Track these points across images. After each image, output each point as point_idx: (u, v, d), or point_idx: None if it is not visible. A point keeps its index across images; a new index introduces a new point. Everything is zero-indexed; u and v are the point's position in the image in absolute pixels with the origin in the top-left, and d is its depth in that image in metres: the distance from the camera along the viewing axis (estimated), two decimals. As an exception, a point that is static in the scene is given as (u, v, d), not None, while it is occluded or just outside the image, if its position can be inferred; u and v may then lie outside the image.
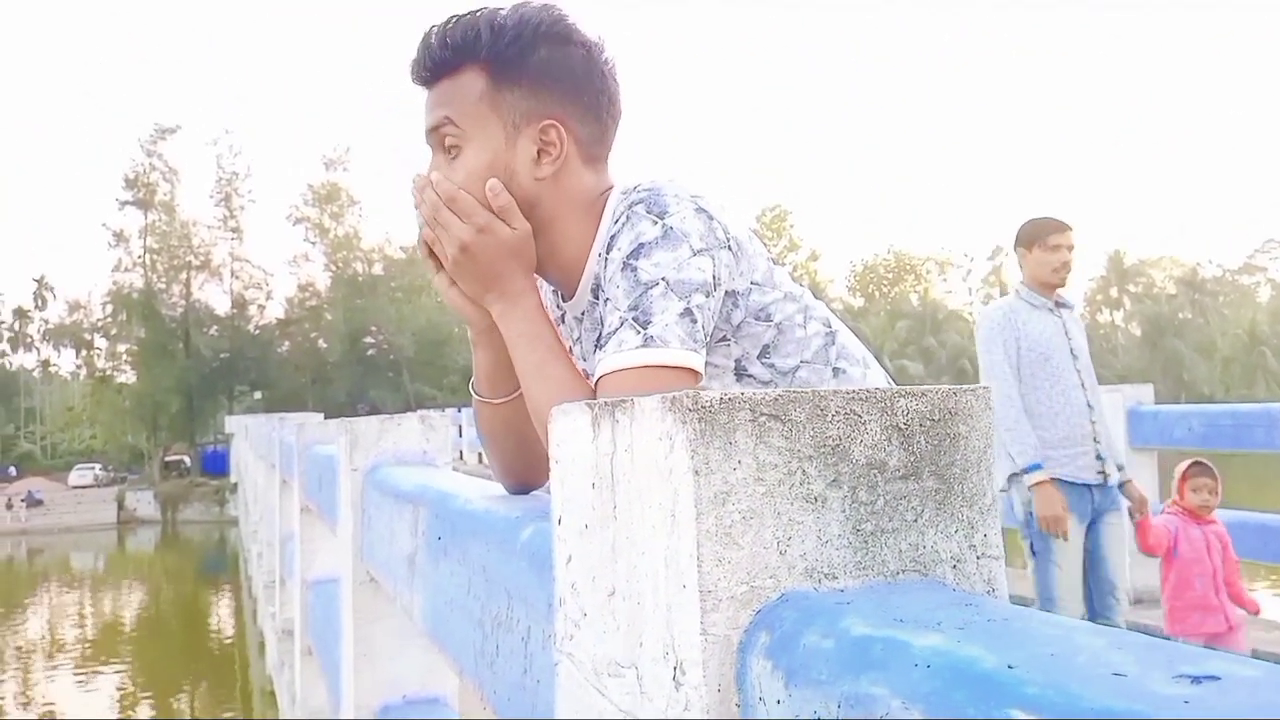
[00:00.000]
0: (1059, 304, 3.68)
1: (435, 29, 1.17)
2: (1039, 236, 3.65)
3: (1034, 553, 3.48)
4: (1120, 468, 3.65)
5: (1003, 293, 61.63)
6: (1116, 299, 59.59)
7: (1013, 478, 3.50)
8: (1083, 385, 3.59)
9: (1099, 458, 3.55)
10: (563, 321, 1.28)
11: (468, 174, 1.14)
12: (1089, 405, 3.58)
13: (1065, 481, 3.47)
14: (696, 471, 0.51)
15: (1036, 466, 3.45)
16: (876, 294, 60.43)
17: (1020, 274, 3.75)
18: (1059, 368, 3.55)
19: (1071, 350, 3.61)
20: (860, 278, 62.21)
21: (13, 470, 46.12)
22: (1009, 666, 0.38)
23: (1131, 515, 3.80)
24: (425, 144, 1.20)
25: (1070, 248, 3.65)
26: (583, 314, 1.22)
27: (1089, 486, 3.54)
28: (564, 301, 1.25)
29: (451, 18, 1.17)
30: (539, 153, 1.14)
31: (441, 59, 1.16)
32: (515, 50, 1.14)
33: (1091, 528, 3.56)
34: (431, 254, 1.20)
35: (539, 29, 1.15)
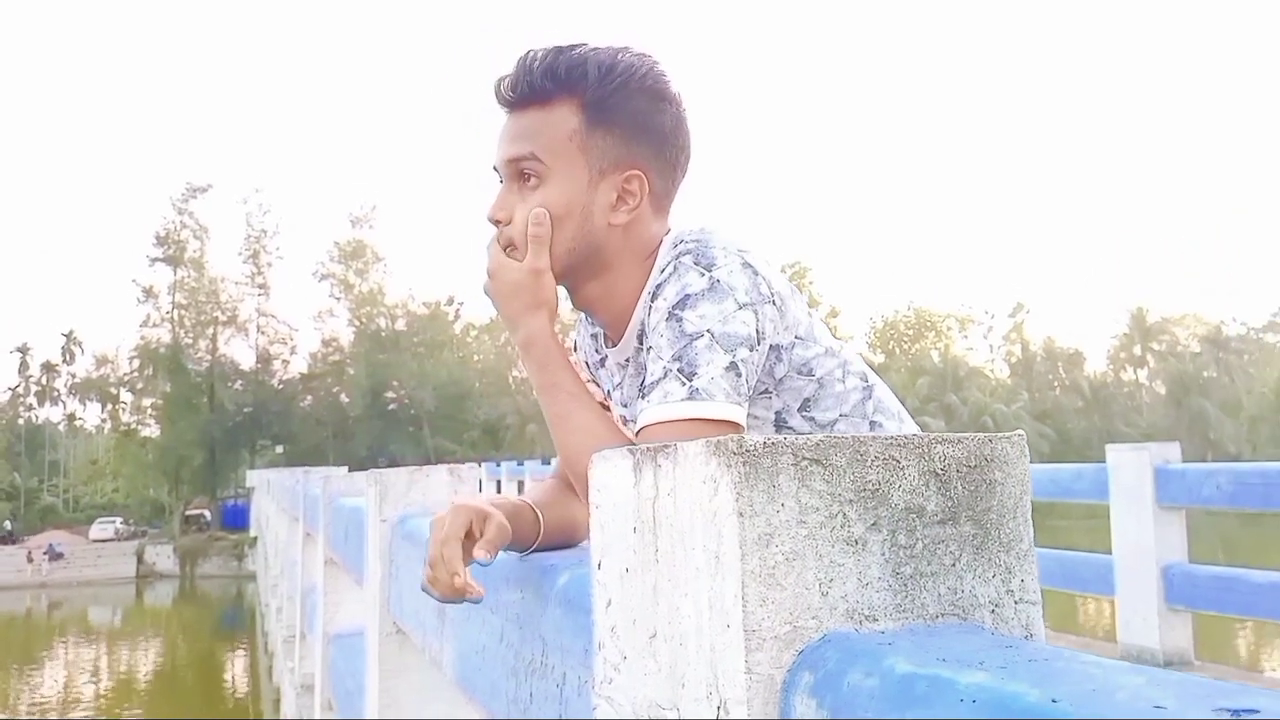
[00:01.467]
0: None
1: (537, 54, 1.16)
2: None
3: None
4: None
5: (1024, 350, 61.28)
6: (1140, 357, 59.14)
7: None
8: None
9: None
10: (602, 365, 1.30)
11: (544, 208, 1.14)
12: None
13: None
14: (741, 513, 0.52)
15: None
16: (897, 350, 60.25)
17: None
18: None
19: None
20: (880, 334, 62.12)
21: (8, 524, 45.83)
22: (1053, 701, 0.39)
23: None
24: (494, 171, 1.19)
25: None
26: (627, 360, 1.23)
27: None
28: (607, 346, 1.27)
29: (554, 48, 1.16)
30: (617, 199, 1.16)
31: (540, 87, 1.14)
32: (617, 96, 1.14)
33: None
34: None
35: (643, 79, 1.16)
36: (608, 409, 1.29)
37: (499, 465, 14.72)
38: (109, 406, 48.97)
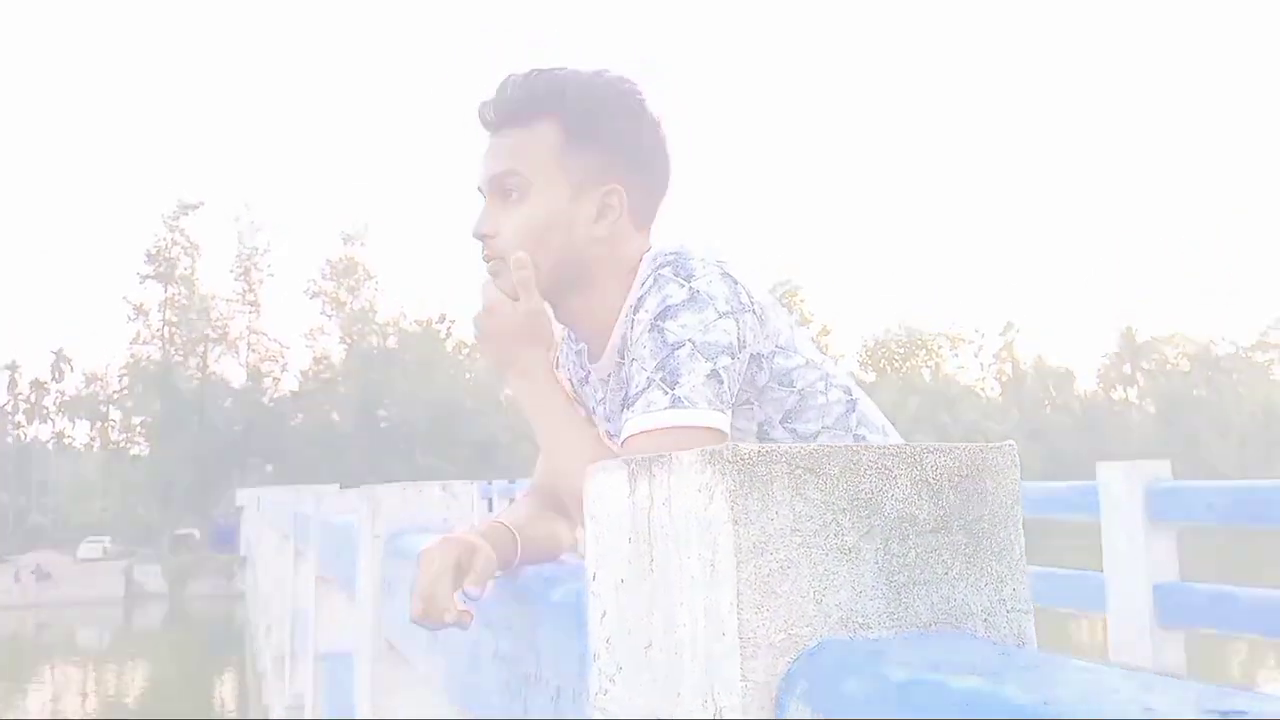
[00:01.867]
0: None
1: (517, 77, 1.20)
2: None
3: None
4: None
5: (1015, 369, 61.82)
6: (1130, 376, 59.39)
7: None
8: None
9: None
10: (586, 382, 1.31)
11: (526, 223, 1.17)
12: None
13: None
14: (736, 521, 0.53)
15: None
16: (888, 369, 60.36)
17: None
18: None
19: None
20: (871, 353, 62.26)
21: None
22: (1044, 703, 0.40)
23: None
24: (478, 190, 1.22)
25: None
26: (609, 376, 1.25)
27: None
28: (590, 363, 1.28)
29: (535, 69, 1.20)
30: (597, 213, 1.18)
31: (520, 107, 1.18)
32: (595, 114, 1.18)
33: None
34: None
35: (621, 99, 1.20)
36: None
37: (490, 484, 14.63)
38: (98, 425, 48.74)
